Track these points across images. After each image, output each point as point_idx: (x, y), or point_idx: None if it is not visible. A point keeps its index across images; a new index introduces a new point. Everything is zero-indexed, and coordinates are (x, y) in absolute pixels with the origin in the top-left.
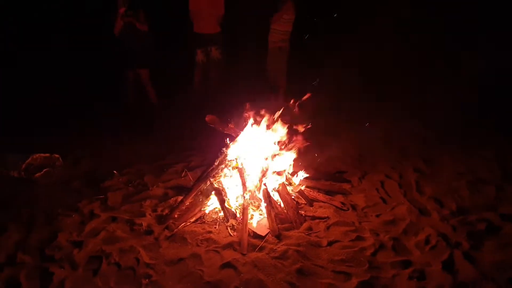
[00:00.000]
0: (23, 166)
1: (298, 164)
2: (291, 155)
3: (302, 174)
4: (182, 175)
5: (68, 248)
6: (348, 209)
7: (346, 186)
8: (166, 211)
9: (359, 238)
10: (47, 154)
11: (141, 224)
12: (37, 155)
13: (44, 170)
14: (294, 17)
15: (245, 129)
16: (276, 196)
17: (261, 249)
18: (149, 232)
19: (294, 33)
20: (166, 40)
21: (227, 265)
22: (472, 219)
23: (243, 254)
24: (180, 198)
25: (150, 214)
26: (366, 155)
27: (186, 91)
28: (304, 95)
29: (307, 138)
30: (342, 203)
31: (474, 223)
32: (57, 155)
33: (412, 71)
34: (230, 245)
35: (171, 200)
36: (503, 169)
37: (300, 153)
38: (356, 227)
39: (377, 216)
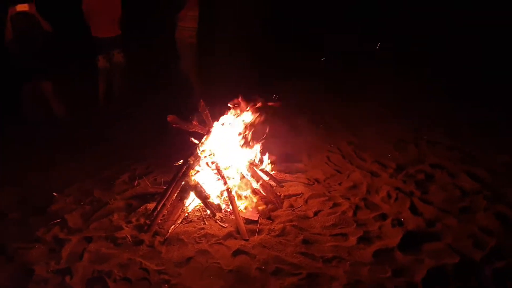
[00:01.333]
0: None
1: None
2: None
3: (266, 158)
4: (135, 184)
5: (56, 278)
6: (314, 183)
7: (300, 165)
8: (142, 219)
9: (336, 205)
10: None
11: (125, 237)
12: None
13: None
14: (198, 13)
15: (214, 124)
16: (253, 183)
17: (260, 232)
18: (139, 242)
19: None
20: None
21: (238, 252)
22: (411, 171)
23: (246, 240)
24: (150, 205)
25: (127, 226)
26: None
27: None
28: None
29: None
30: (307, 179)
31: (415, 174)
32: None
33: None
34: (229, 235)
35: (141, 209)
36: (413, 130)
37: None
38: (329, 196)
39: (339, 184)
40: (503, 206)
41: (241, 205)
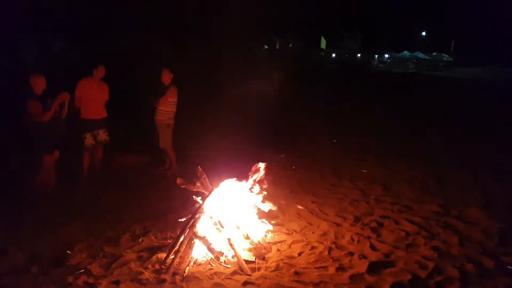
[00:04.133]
0: None
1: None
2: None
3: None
4: (140, 241)
5: None
6: (293, 233)
7: (278, 220)
8: (157, 266)
9: (313, 247)
10: None
11: (149, 278)
12: None
13: None
14: (176, 99)
15: (215, 186)
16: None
17: (259, 269)
18: (162, 281)
19: None
20: None
21: (246, 283)
22: (366, 221)
23: (249, 275)
24: (160, 255)
25: (146, 271)
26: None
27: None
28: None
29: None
30: (287, 229)
31: (369, 223)
32: None
33: None
34: (235, 272)
35: (153, 258)
36: (360, 190)
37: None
38: (306, 241)
39: (313, 233)
40: (436, 241)
41: (239, 250)
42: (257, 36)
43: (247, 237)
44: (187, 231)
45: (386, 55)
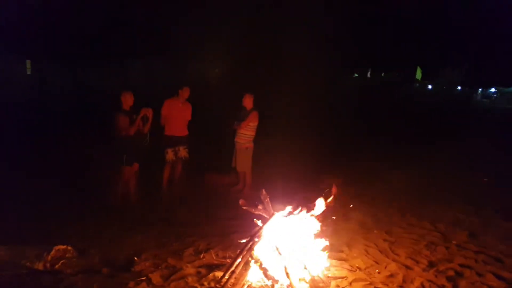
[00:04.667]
0: (49, 258)
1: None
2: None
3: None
4: (201, 256)
5: None
6: (356, 270)
7: (342, 255)
8: (212, 284)
9: None
10: (64, 246)
11: None
12: (58, 247)
13: (61, 261)
14: (257, 124)
15: (277, 212)
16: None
17: None
18: None
19: None
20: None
21: None
22: (442, 268)
23: None
24: (217, 273)
25: (200, 287)
26: (341, 232)
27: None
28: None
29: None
30: (350, 265)
31: (445, 271)
32: (70, 247)
33: None
34: None
35: (210, 276)
36: (441, 233)
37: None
38: (370, 281)
39: (378, 273)
40: None
41: (294, 280)
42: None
43: (305, 268)
44: (244, 253)
45: (493, 89)
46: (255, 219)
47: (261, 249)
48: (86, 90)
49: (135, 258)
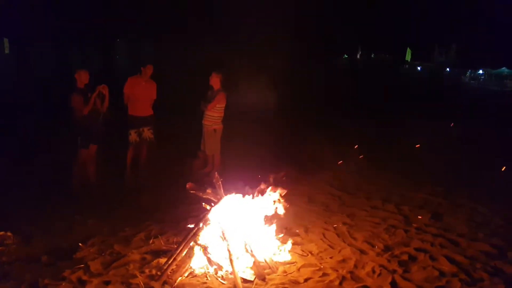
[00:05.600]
0: None
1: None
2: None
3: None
4: (151, 242)
5: None
6: (308, 255)
7: (297, 238)
8: (154, 271)
9: (325, 275)
10: (2, 232)
11: (138, 283)
12: None
13: None
14: (225, 105)
15: (225, 195)
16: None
17: None
18: None
19: None
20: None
21: None
22: (397, 253)
23: None
24: (162, 260)
25: (140, 275)
26: (301, 214)
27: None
28: None
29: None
30: (302, 250)
31: (399, 255)
32: (9, 233)
33: None
34: None
35: (154, 262)
36: (404, 216)
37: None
38: (319, 267)
39: (331, 258)
40: None
41: (240, 266)
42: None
43: (251, 253)
44: (188, 239)
45: (480, 71)
46: (203, 204)
47: (208, 234)
48: (67, 70)
49: (80, 245)
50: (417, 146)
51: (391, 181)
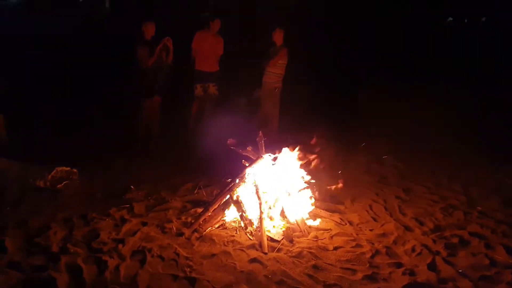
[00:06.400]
0: (49, 177)
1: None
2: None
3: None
4: (195, 192)
5: (112, 243)
6: (346, 224)
7: (341, 207)
8: (189, 219)
9: (358, 246)
10: (68, 168)
11: (171, 228)
12: (60, 168)
13: (64, 182)
14: (287, 62)
15: (265, 155)
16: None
17: (279, 250)
18: (180, 234)
19: None
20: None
21: (254, 260)
22: (447, 234)
23: (265, 253)
24: (199, 210)
25: (176, 221)
26: (352, 181)
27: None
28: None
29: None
30: (341, 219)
31: (449, 237)
32: (75, 170)
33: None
34: (252, 246)
35: (192, 211)
36: (469, 197)
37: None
38: (354, 237)
39: (370, 230)
40: None
41: (271, 225)
42: None
43: (283, 214)
44: (224, 193)
45: None
46: (243, 161)
47: (245, 191)
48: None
49: (131, 187)
50: None
51: (465, 157)
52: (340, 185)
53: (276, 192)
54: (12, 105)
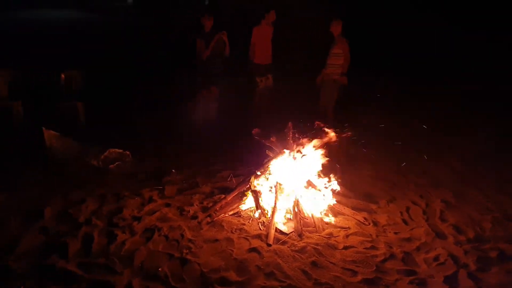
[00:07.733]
0: (102, 157)
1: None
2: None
3: (335, 185)
4: (228, 179)
5: (130, 220)
6: (369, 224)
7: (373, 206)
8: (211, 204)
9: (373, 248)
10: (121, 150)
11: (189, 211)
12: (113, 150)
13: (116, 163)
14: (346, 51)
15: (286, 147)
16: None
17: (284, 243)
18: (195, 217)
19: None
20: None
21: (253, 249)
22: (486, 247)
23: (268, 245)
24: (223, 196)
25: (197, 205)
26: (398, 182)
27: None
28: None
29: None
30: (365, 218)
31: (487, 250)
32: (128, 152)
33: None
34: (258, 236)
35: (216, 197)
36: None
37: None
38: (372, 239)
39: (395, 233)
40: None
41: (284, 218)
42: None
43: (298, 208)
44: (243, 182)
45: None
46: (267, 151)
47: (266, 182)
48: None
49: (173, 170)
50: None
51: None
52: None
53: (294, 185)
54: (91, 93)
